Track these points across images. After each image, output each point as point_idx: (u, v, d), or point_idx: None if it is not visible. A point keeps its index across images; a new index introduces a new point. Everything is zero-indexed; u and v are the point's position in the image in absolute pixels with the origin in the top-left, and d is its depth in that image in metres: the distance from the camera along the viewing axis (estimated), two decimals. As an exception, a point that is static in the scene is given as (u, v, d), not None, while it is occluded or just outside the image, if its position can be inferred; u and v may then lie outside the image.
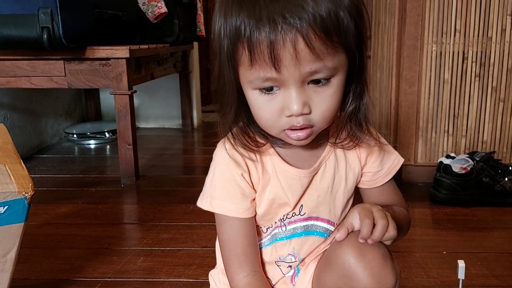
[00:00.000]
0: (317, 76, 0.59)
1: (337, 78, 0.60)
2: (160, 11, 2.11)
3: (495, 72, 1.65)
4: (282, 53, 0.55)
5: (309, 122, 0.61)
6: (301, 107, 0.59)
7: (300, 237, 0.74)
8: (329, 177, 0.72)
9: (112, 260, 1.19)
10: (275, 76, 0.57)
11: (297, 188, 0.71)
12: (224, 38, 0.59)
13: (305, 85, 0.59)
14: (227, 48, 0.60)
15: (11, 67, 1.71)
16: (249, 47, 0.56)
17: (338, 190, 0.73)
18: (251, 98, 0.62)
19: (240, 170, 0.68)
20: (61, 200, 1.62)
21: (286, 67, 0.56)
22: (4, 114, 2.07)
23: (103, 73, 1.72)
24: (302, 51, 0.55)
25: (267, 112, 0.62)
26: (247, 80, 0.61)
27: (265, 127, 0.65)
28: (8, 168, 0.77)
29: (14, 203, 0.75)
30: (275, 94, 0.60)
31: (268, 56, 0.56)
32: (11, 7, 1.50)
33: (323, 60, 0.57)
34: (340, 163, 0.73)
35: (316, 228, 0.74)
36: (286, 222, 0.73)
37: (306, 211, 0.73)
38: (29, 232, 0.83)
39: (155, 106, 2.89)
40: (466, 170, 1.52)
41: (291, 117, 0.60)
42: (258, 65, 0.57)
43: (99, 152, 2.40)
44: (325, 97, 0.60)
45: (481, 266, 1.14)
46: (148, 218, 1.48)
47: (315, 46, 0.55)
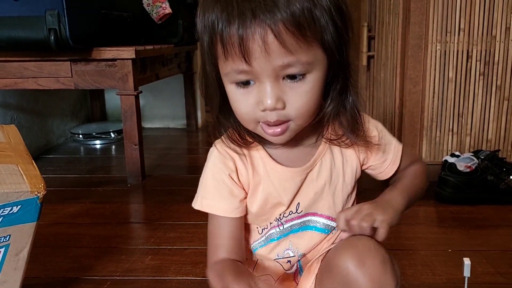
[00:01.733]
0: (291, 71, 0.59)
1: (313, 74, 0.61)
2: (164, 12, 2.12)
3: (500, 71, 1.65)
4: (252, 45, 0.57)
5: (285, 117, 0.61)
6: (274, 102, 0.59)
7: (297, 232, 0.75)
8: (326, 174, 0.72)
9: (121, 259, 1.20)
10: (246, 68, 0.59)
11: (290, 187, 0.71)
12: (203, 33, 0.62)
13: (279, 80, 0.60)
14: (206, 43, 0.62)
15: (18, 68, 1.72)
16: (221, 40, 0.59)
17: (337, 186, 0.73)
18: (229, 92, 0.64)
19: (228, 171, 0.70)
20: (69, 200, 1.64)
21: (256, 59, 0.58)
22: (11, 115, 2.09)
23: (109, 74, 1.73)
24: (271, 44, 0.56)
25: (243, 106, 0.63)
26: (224, 73, 0.62)
27: (242, 121, 0.65)
28: (21, 168, 0.79)
29: (27, 202, 0.76)
30: (251, 87, 0.61)
31: (238, 48, 0.57)
32: (19, 9, 1.51)
33: (295, 55, 0.58)
34: (337, 159, 0.73)
35: (314, 224, 0.74)
36: (283, 221, 0.74)
37: (303, 208, 0.73)
38: (39, 231, 0.84)
39: (160, 107, 2.90)
40: (471, 168, 1.53)
41: (265, 112, 0.61)
42: (231, 57, 0.59)
43: (105, 152, 2.42)
44: (301, 93, 0.61)
45: (486, 263, 1.15)
46: (155, 217, 1.49)
47: (285, 40, 0.56)
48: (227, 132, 0.70)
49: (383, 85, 1.93)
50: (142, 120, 2.77)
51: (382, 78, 1.94)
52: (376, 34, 2.03)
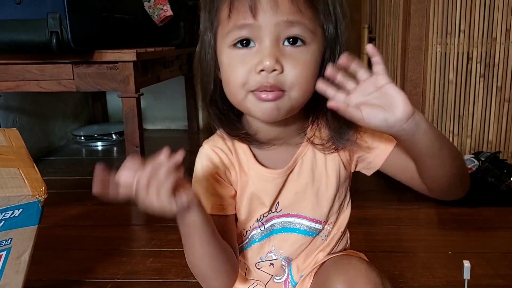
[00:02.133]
0: (294, 31, 0.60)
1: (313, 46, 0.61)
2: (166, 14, 2.13)
3: (500, 73, 1.66)
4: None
5: (280, 84, 0.60)
6: (273, 62, 0.58)
7: (279, 233, 0.73)
8: (307, 173, 0.71)
9: (122, 261, 1.21)
10: (251, 21, 0.59)
11: (271, 188, 0.70)
12: (211, 6, 0.63)
13: (280, 43, 0.60)
14: (208, 11, 0.63)
15: (20, 71, 1.73)
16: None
17: (320, 186, 0.71)
18: (225, 59, 0.63)
19: (215, 169, 0.69)
20: (70, 202, 1.65)
21: (264, 11, 0.58)
22: (13, 117, 2.10)
23: (111, 76, 1.74)
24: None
25: (239, 69, 0.61)
26: (224, 34, 0.62)
27: (233, 91, 0.63)
28: (22, 172, 0.79)
29: (28, 206, 0.77)
30: (251, 49, 0.61)
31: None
32: (20, 12, 1.52)
33: (302, 16, 0.59)
34: (318, 159, 0.71)
35: (298, 226, 0.73)
36: (264, 221, 0.73)
37: (282, 207, 0.72)
38: (40, 234, 0.85)
39: (161, 108, 2.91)
40: (472, 170, 1.53)
41: (262, 73, 0.59)
42: (236, 10, 0.59)
43: (107, 154, 2.42)
44: (300, 60, 0.60)
45: (487, 266, 1.15)
46: (156, 219, 1.48)
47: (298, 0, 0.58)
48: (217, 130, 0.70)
49: (383, 87, 1.93)
50: (144, 122, 2.78)
51: (382, 80, 1.94)
52: (376, 35, 2.04)
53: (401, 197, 1.63)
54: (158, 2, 2.15)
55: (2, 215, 0.75)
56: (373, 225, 1.40)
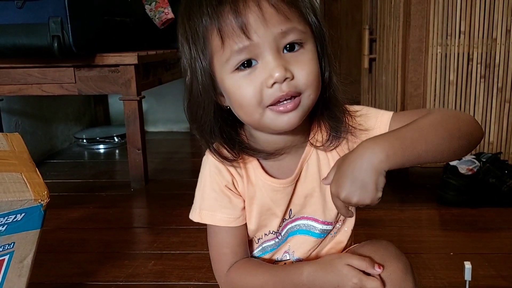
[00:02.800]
0: (290, 38, 0.60)
1: (309, 45, 0.63)
2: (167, 17, 2.13)
3: (500, 73, 1.66)
4: (249, 15, 0.58)
5: (295, 88, 0.60)
6: (283, 71, 0.59)
7: (294, 236, 0.74)
8: (313, 177, 0.71)
9: (124, 264, 1.21)
10: (247, 43, 0.58)
11: (282, 198, 0.70)
12: (193, 38, 0.62)
13: (281, 52, 0.60)
14: (197, 47, 0.62)
15: (22, 75, 1.74)
16: (217, 25, 0.59)
17: (327, 189, 0.70)
18: (231, 84, 0.61)
19: (224, 181, 0.69)
20: (73, 204, 1.65)
21: (255, 30, 0.58)
22: (16, 121, 2.10)
23: (112, 79, 1.75)
24: (267, 11, 0.58)
25: (249, 89, 0.60)
26: (223, 62, 0.61)
27: (248, 112, 0.62)
28: (24, 177, 0.80)
29: (31, 210, 0.77)
30: (254, 67, 0.60)
31: (236, 24, 0.58)
32: (23, 16, 1.53)
33: (291, 21, 0.60)
34: (323, 160, 0.71)
35: (311, 229, 0.73)
36: (280, 230, 0.73)
37: (294, 213, 0.73)
38: (43, 237, 0.85)
39: (163, 110, 2.92)
40: (473, 171, 1.53)
41: (275, 86, 0.59)
42: (229, 38, 0.59)
43: (109, 157, 2.43)
44: (305, 61, 0.61)
45: (489, 267, 1.15)
46: (158, 221, 1.50)
47: (280, 7, 0.59)
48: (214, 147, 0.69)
49: (384, 88, 1.93)
50: (146, 124, 2.79)
51: (383, 81, 1.94)
52: (377, 37, 2.04)
53: (403, 198, 1.63)
54: (159, 5, 2.15)
55: (4, 219, 0.75)
56: (375, 227, 1.40)
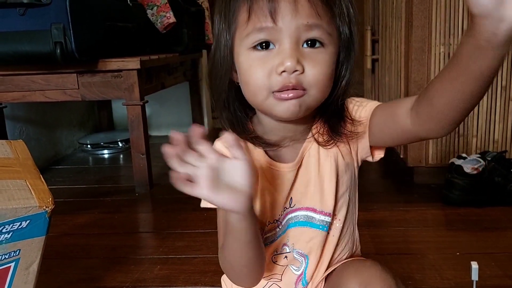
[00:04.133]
0: (313, 34, 0.61)
1: (331, 48, 0.63)
2: (169, 21, 2.14)
3: (504, 71, 1.65)
4: (281, 1, 0.59)
5: (302, 84, 0.61)
6: (295, 62, 0.60)
7: (294, 227, 0.74)
8: (312, 167, 0.72)
9: (130, 269, 1.21)
10: (270, 25, 0.60)
11: (283, 183, 0.71)
12: (225, 9, 0.64)
13: (300, 45, 0.61)
14: (225, 14, 0.64)
15: (26, 81, 1.75)
16: (249, 2, 0.60)
17: (324, 179, 0.72)
18: (243, 60, 0.63)
19: None
20: (78, 210, 1.66)
21: (282, 16, 0.59)
22: (20, 127, 2.11)
23: (115, 84, 1.75)
24: (301, 2, 0.59)
25: (260, 70, 0.62)
26: (243, 37, 0.62)
27: (253, 92, 0.64)
28: (29, 184, 0.80)
29: (36, 217, 0.78)
30: (270, 51, 0.62)
31: (266, 4, 0.59)
32: (25, 23, 1.53)
33: (321, 19, 0.61)
34: (321, 153, 0.72)
35: (310, 220, 0.74)
36: (281, 219, 0.73)
37: (295, 202, 0.73)
38: (49, 243, 0.85)
39: (167, 114, 2.92)
40: (478, 170, 1.52)
41: (283, 74, 0.60)
42: (255, 15, 0.60)
43: (113, 162, 2.44)
44: (320, 61, 0.62)
45: (495, 266, 1.15)
46: (163, 226, 1.50)
47: (316, 3, 0.60)
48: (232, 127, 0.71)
49: (388, 88, 1.93)
50: (149, 128, 2.79)
51: (387, 81, 1.94)
52: (380, 37, 2.04)
53: (408, 198, 1.63)
54: (161, 9, 2.16)
55: (10, 226, 0.75)
56: (381, 227, 1.40)
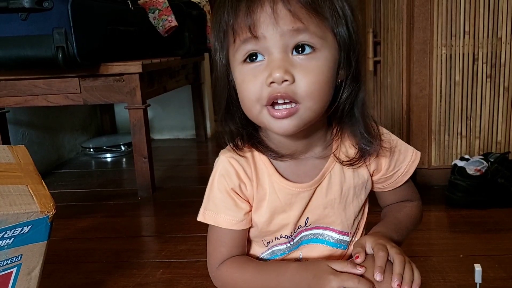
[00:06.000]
0: (299, 39, 0.59)
1: (324, 53, 0.60)
2: (170, 25, 2.14)
3: (507, 72, 1.64)
4: (260, 15, 0.58)
5: (294, 95, 0.59)
6: (283, 72, 0.58)
7: (308, 244, 0.73)
8: (336, 188, 0.70)
9: (132, 273, 1.21)
10: (253, 40, 0.59)
11: (297, 202, 0.69)
12: (217, 31, 0.64)
13: (288, 52, 0.59)
14: (219, 38, 0.64)
15: (28, 86, 1.75)
16: (232, 20, 0.60)
17: (347, 200, 0.72)
18: (238, 76, 0.63)
19: (231, 184, 0.69)
20: (80, 214, 1.66)
21: (263, 29, 0.58)
22: (23, 132, 2.12)
23: (117, 88, 1.75)
24: (281, 12, 0.57)
25: (251, 84, 0.61)
26: (234, 54, 0.62)
27: (247, 106, 0.63)
28: (30, 189, 0.80)
29: (37, 222, 0.78)
30: (260, 63, 0.60)
31: (245, 20, 0.58)
32: (27, 28, 1.54)
33: (305, 24, 0.58)
34: (347, 173, 0.71)
35: (327, 238, 0.73)
36: (293, 236, 0.72)
37: (311, 222, 0.72)
38: (51, 247, 0.85)
39: (169, 118, 2.92)
40: (481, 172, 1.52)
41: (273, 85, 0.59)
42: (238, 33, 0.60)
43: (116, 165, 2.44)
44: (311, 68, 0.59)
45: (499, 268, 1.14)
46: (166, 230, 1.50)
47: (295, 10, 0.57)
48: (233, 141, 0.70)
49: (390, 90, 1.93)
50: (152, 132, 2.80)
51: (389, 83, 1.94)
52: (381, 39, 2.03)
53: (410, 200, 1.62)
54: (162, 13, 2.16)
55: (11, 232, 0.75)
56: (383, 230, 1.39)
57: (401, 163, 0.74)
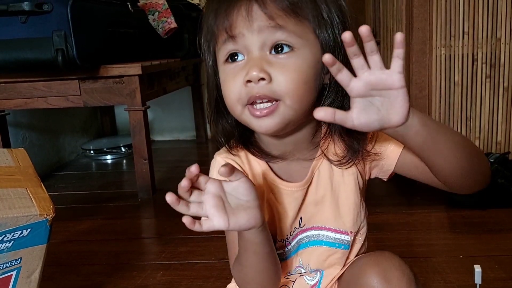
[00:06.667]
0: (276, 37, 0.58)
1: (304, 52, 0.59)
2: (170, 27, 2.14)
3: (506, 73, 1.64)
4: (235, 15, 0.59)
5: (271, 93, 0.59)
6: (258, 71, 0.58)
7: (306, 248, 0.73)
8: (324, 183, 0.70)
9: (132, 275, 1.21)
10: (230, 41, 0.60)
11: (291, 202, 0.69)
12: (205, 35, 0.65)
13: (266, 51, 0.59)
14: (205, 34, 0.65)
15: (28, 88, 1.75)
16: (215, 22, 0.61)
17: (339, 195, 0.70)
18: (221, 75, 0.64)
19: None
20: (81, 216, 1.66)
21: (240, 28, 0.59)
22: (23, 134, 2.12)
23: (117, 90, 1.75)
24: (255, 14, 0.58)
25: (231, 83, 0.61)
26: (218, 55, 0.64)
27: (230, 106, 0.63)
28: (30, 192, 0.80)
29: (37, 225, 0.78)
30: (239, 62, 0.61)
31: (223, 23, 0.60)
32: (26, 31, 1.54)
33: (281, 23, 0.58)
34: (335, 168, 0.70)
35: (323, 238, 0.72)
36: (290, 239, 0.72)
37: (305, 222, 0.71)
38: (51, 250, 0.86)
39: (169, 119, 2.93)
40: (481, 172, 1.51)
41: (249, 85, 0.59)
42: (218, 32, 0.61)
43: (116, 167, 2.44)
44: (289, 66, 0.59)
45: (499, 269, 1.14)
46: (166, 231, 1.50)
47: (271, 11, 0.58)
48: (227, 142, 0.70)
49: (389, 91, 1.93)
50: (152, 133, 2.80)
51: (388, 84, 1.94)
52: (381, 39, 2.03)
53: (411, 201, 1.62)
54: (162, 14, 2.16)
55: (11, 235, 0.76)
56: (384, 230, 1.39)
57: (387, 144, 0.69)
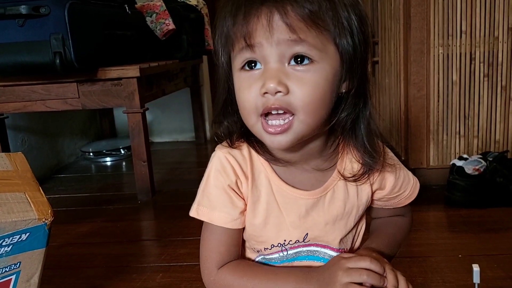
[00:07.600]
0: (298, 49, 0.57)
1: (323, 65, 0.58)
2: (168, 28, 2.15)
3: (504, 71, 1.65)
4: (255, 24, 0.57)
5: (287, 105, 0.57)
6: (275, 83, 0.56)
7: (303, 260, 0.71)
8: (339, 204, 0.69)
9: (132, 278, 1.21)
10: (250, 43, 0.58)
11: (293, 208, 0.68)
12: (219, 37, 0.63)
13: (285, 63, 0.58)
14: (220, 36, 0.63)
15: (26, 92, 1.75)
16: (232, 27, 0.59)
17: (349, 217, 0.70)
18: (236, 82, 0.62)
19: (228, 181, 0.66)
20: (80, 219, 1.66)
21: (259, 40, 0.57)
22: (22, 137, 2.12)
23: (116, 92, 1.76)
24: (276, 24, 0.56)
25: (247, 92, 0.60)
26: (233, 60, 0.62)
27: (245, 116, 0.62)
28: (28, 196, 0.80)
29: (35, 229, 0.78)
30: (256, 71, 0.59)
31: (242, 29, 0.57)
32: (24, 34, 1.54)
33: (302, 35, 0.56)
34: (351, 190, 0.69)
35: (323, 255, 0.71)
36: (288, 247, 0.70)
37: (310, 238, 0.70)
38: (51, 253, 0.86)
39: (168, 121, 2.93)
40: (480, 171, 1.52)
41: (266, 96, 0.57)
42: (235, 42, 0.59)
43: (115, 169, 2.44)
44: (306, 80, 0.57)
45: (498, 268, 1.14)
46: (165, 233, 1.50)
47: (292, 22, 0.55)
48: (230, 137, 0.68)
49: (388, 91, 1.93)
50: (151, 135, 2.81)
51: (387, 84, 1.94)
52: (379, 39, 2.03)
53: (409, 201, 1.62)
54: (160, 16, 2.17)
55: (10, 239, 0.76)
56: (382, 231, 1.39)
57: (407, 185, 0.74)
